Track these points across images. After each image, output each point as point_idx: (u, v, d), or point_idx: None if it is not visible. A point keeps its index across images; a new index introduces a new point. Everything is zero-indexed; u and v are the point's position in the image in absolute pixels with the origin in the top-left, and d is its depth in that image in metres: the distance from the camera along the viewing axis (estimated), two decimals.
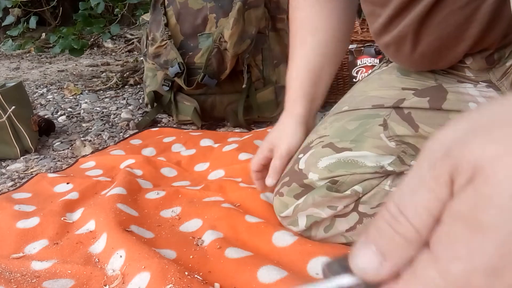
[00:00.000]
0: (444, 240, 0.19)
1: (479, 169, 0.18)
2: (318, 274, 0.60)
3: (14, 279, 0.62)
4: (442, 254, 0.19)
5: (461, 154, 0.19)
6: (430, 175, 0.20)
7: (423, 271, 0.19)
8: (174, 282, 0.57)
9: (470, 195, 0.19)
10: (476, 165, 0.19)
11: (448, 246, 0.19)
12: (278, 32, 1.38)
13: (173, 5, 1.30)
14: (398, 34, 0.63)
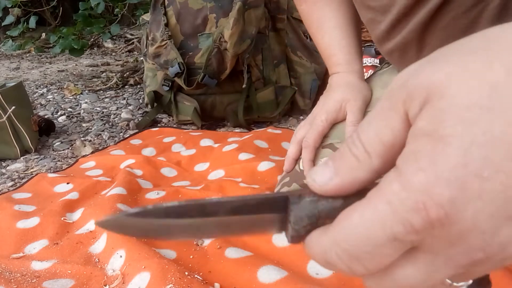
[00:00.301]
0: (407, 157, 0.19)
1: (433, 89, 0.19)
2: (318, 274, 0.60)
3: (14, 279, 0.62)
4: (405, 168, 0.19)
5: (414, 82, 0.20)
6: (384, 105, 0.21)
7: (387, 186, 0.19)
8: (174, 282, 0.57)
9: (428, 112, 0.19)
10: (429, 87, 0.19)
11: (412, 160, 0.19)
12: (278, 32, 1.38)
13: (173, 5, 1.30)
14: (402, 40, 0.63)
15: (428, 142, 0.18)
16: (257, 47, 1.32)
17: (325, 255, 0.21)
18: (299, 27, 1.41)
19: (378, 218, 0.19)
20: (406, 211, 0.18)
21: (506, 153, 0.17)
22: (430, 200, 0.18)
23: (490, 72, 0.18)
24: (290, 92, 1.34)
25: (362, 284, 0.60)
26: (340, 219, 0.20)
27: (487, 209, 0.18)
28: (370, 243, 0.19)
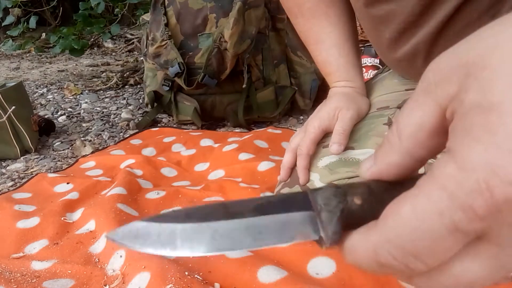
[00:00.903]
0: (458, 134, 0.17)
1: (472, 64, 0.18)
2: (318, 274, 0.60)
3: (14, 279, 0.62)
4: (459, 146, 0.17)
5: (448, 63, 0.19)
6: (418, 91, 0.20)
7: (439, 169, 0.17)
8: (174, 282, 0.57)
9: (473, 84, 0.17)
10: (468, 62, 0.18)
11: (465, 136, 0.17)
12: (278, 32, 1.38)
13: (173, 5, 1.30)
14: (411, 49, 0.61)
15: (481, 113, 0.16)
16: (257, 47, 1.32)
17: (376, 256, 0.18)
18: None
19: (433, 207, 0.17)
20: (466, 194, 0.16)
21: None
22: (494, 177, 0.15)
23: None
24: (290, 92, 1.34)
25: (363, 284, 0.60)
26: (388, 213, 0.18)
27: None
28: (427, 236, 0.17)
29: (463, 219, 0.16)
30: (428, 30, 0.58)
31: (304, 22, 0.76)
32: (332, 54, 0.74)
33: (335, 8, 0.73)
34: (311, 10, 0.74)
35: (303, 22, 0.76)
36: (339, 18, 0.74)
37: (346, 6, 0.73)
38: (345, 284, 0.58)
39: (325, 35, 0.74)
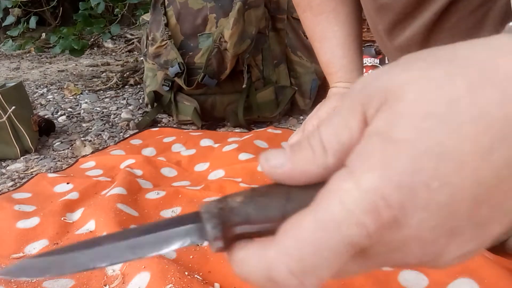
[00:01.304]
0: (360, 155, 0.19)
1: (392, 92, 0.19)
2: None
3: (14, 279, 0.62)
4: (357, 167, 0.18)
5: (374, 84, 0.20)
6: (345, 105, 0.20)
7: (338, 184, 0.18)
8: (174, 282, 0.57)
9: (384, 113, 0.19)
10: (388, 89, 0.19)
11: (364, 159, 0.18)
12: (278, 32, 1.38)
13: (173, 5, 1.30)
14: (405, 41, 0.62)
15: (381, 142, 0.18)
16: (257, 47, 1.32)
17: (269, 271, 0.19)
18: (299, 27, 1.41)
19: (333, 219, 0.18)
20: (361, 211, 0.17)
21: (456, 167, 0.17)
22: (382, 201, 0.17)
23: (452, 85, 0.18)
24: (290, 92, 1.34)
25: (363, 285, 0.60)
26: (288, 228, 0.19)
27: (431, 220, 0.18)
28: (328, 248, 0.18)
29: (357, 234, 0.18)
30: (423, 21, 0.58)
31: (312, 17, 0.76)
32: (336, 54, 0.74)
33: (345, 6, 0.73)
34: (321, 6, 0.74)
35: (311, 17, 0.76)
36: (347, 17, 0.74)
37: (356, 5, 0.73)
38: (345, 284, 0.58)
39: (332, 33, 0.74)
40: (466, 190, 0.18)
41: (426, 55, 0.20)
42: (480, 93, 0.18)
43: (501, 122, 0.17)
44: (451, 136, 0.17)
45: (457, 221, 0.18)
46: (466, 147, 0.17)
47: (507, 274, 0.56)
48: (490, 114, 0.17)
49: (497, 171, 0.18)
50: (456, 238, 0.19)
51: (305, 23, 0.78)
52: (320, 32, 0.75)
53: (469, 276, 0.57)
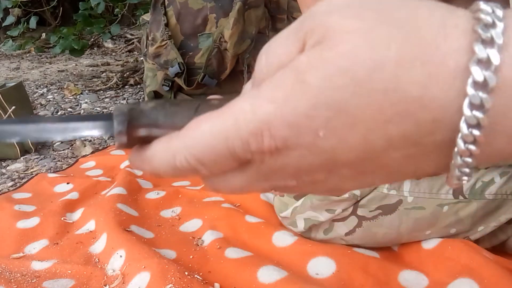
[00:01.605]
0: (271, 82, 0.20)
1: (330, 35, 0.19)
2: (318, 274, 0.60)
3: (14, 279, 0.62)
4: (263, 92, 0.20)
5: (320, 19, 0.20)
6: (293, 27, 0.21)
7: (241, 102, 0.20)
8: (174, 282, 0.57)
9: (313, 53, 0.19)
10: (329, 31, 0.19)
11: (272, 88, 0.19)
12: (278, 32, 1.38)
13: (173, 5, 1.30)
14: None
15: (293, 79, 0.19)
16: (257, 47, 1.31)
17: (174, 159, 0.22)
18: None
19: (224, 131, 0.20)
20: (246, 132, 0.20)
21: (347, 122, 0.19)
22: (267, 131, 0.19)
23: (384, 54, 0.18)
24: None
25: (362, 284, 0.60)
26: (191, 126, 0.21)
27: (311, 158, 0.20)
28: (214, 152, 0.21)
29: (240, 148, 0.20)
30: None
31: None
32: None
33: None
34: None
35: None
36: None
37: None
38: (345, 284, 0.58)
39: None
40: (353, 146, 0.19)
41: (379, 6, 0.20)
42: (404, 70, 0.18)
43: (414, 103, 0.18)
44: (358, 99, 0.18)
45: (336, 165, 0.20)
46: (367, 112, 0.18)
47: (507, 274, 0.56)
48: (406, 92, 0.18)
49: (389, 141, 0.19)
50: (334, 175, 0.21)
51: None
52: None
53: (469, 276, 0.56)
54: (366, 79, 0.18)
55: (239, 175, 0.22)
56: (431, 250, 0.63)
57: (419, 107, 0.18)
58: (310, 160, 0.20)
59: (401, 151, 0.19)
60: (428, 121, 0.18)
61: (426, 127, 0.18)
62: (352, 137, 0.19)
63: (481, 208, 0.61)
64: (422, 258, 0.62)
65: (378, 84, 0.18)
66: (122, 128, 0.22)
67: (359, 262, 0.61)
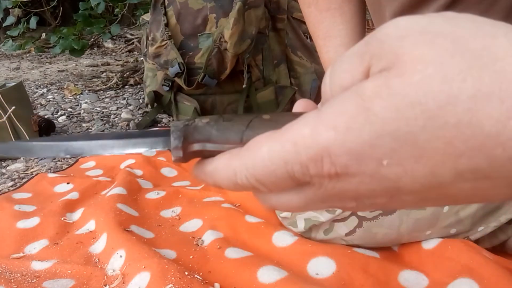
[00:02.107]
0: (334, 106, 0.19)
1: (400, 63, 0.18)
2: (318, 274, 0.60)
3: (14, 279, 0.62)
4: (324, 117, 0.19)
5: (389, 44, 0.19)
6: (358, 49, 0.20)
7: (300, 126, 0.20)
8: (174, 282, 0.57)
9: (380, 80, 0.18)
10: (398, 58, 0.18)
11: (334, 112, 0.19)
12: (278, 32, 1.38)
13: (173, 5, 1.30)
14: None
15: (358, 106, 0.19)
16: (257, 47, 1.32)
17: (235, 177, 0.22)
18: (299, 27, 1.41)
19: (283, 155, 0.20)
20: (306, 157, 0.20)
21: (414, 154, 0.18)
22: (327, 158, 0.19)
23: (458, 85, 0.17)
24: (290, 92, 1.34)
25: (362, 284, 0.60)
26: (251, 146, 0.22)
27: (372, 185, 0.20)
28: (274, 175, 0.21)
29: (299, 171, 0.20)
30: (429, 12, 0.58)
31: (317, 13, 0.75)
32: (339, 53, 0.74)
33: (351, 5, 0.73)
34: (327, 2, 0.73)
35: (315, 13, 0.75)
36: (353, 16, 0.73)
37: (361, 4, 0.73)
38: (345, 284, 0.58)
39: (336, 32, 0.73)
40: (418, 177, 0.19)
41: (453, 34, 0.18)
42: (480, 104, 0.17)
43: (490, 140, 0.17)
44: (427, 132, 0.18)
45: (399, 192, 0.20)
46: (436, 145, 0.18)
47: (507, 274, 0.56)
48: (481, 127, 0.17)
49: (458, 174, 0.18)
50: (396, 200, 0.21)
51: (309, 19, 0.77)
52: (325, 29, 0.75)
53: (469, 276, 0.56)
54: (437, 112, 0.17)
55: (297, 195, 0.22)
56: (431, 250, 0.63)
57: (495, 144, 0.17)
58: (372, 186, 0.20)
59: (470, 183, 0.19)
60: (503, 158, 0.17)
61: (500, 164, 0.18)
62: (418, 168, 0.18)
63: (481, 209, 0.61)
64: (422, 258, 0.62)
65: (450, 118, 0.17)
66: (178, 143, 0.23)
67: (359, 262, 0.61)
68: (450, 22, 0.19)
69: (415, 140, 0.18)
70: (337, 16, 0.73)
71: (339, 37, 0.73)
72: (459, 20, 0.19)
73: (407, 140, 0.18)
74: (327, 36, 0.74)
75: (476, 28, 0.18)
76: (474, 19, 0.19)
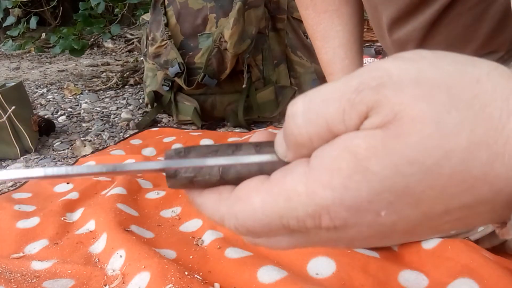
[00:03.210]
0: (326, 162, 0.19)
1: (398, 122, 0.18)
2: (318, 274, 0.60)
3: (14, 279, 0.62)
4: (317, 175, 0.19)
5: (386, 96, 0.18)
6: (350, 96, 0.19)
7: (293, 181, 0.20)
8: (174, 282, 0.57)
9: (376, 135, 0.18)
10: (396, 116, 0.18)
11: (327, 171, 0.19)
12: (278, 32, 1.38)
13: (173, 5, 1.30)
14: (404, 37, 0.62)
15: (353, 165, 0.18)
16: (257, 47, 1.32)
17: (223, 222, 0.22)
18: (299, 27, 1.41)
19: (277, 210, 0.20)
20: (304, 213, 0.20)
21: (410, 203, 0.19)
22: (326, 215, 0.19)
23: (454, 140, 0.18)
24: (290, 92, 1.34)
25: (362, 284, 0.60)
26: (242, 196, 0.21)
27: (368, 232, 0.20)
28: (267, 226, 0.21)
29: (295, 225, 0.20)
30: (424, 18, 0.58)
31: (315, 15, 0.75)
32: (338, 55, 0.74)
33: (349, 6, 0.73)
34: (325, 3, 0.73)
35: (313, 15, 0.75)
36: (350, 18, 0.73)
37: (359, 6, 0.73)
38: (345, 284, 0.58)
39: (334, 33, 0.73)
40: (412, 220, 0.19)
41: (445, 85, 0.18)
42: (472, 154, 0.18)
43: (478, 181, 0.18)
44: (423, 184, 0.18)
45: (392, 233, 0.20)
46: (431, 193, 0.18)
47: (507, 274, 0.56)
48: (471, 172, 0.18)
49: (446, 212, 0.19)
50: (387, 239, 0.21)
51: (307, 21, 0.77)
52: (323, 31, 0.75)
53: (469, 276, 0.56)
54: (433, 167, 0.18)
55: (287, 239, 0.22)
56: (431, 250, 0.63)
57: (482, 183, 0.18)
58: (367, 233, 0.20)
59: (455, 216, 0.20)
60: (489, 193, 0.19)
61: (485, 199, 0.19)
62: (413, 213, 0.19)
63: None
64: (422, 258, 0.62)
65: (445, 170, 0.18)
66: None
67: (359, 262, 0.61)
68: (437, 68, 0.19)
69: (411, 192, 0.19)
70: (334, 18, 0.73)
71: (337, 38, 0.73)
72: (444, 64, 0.19)
73: (404, 192, 0.19)
74: (325, 37, 0.74)
75: (462, 73, 0.19)
76: (455, 60, 0.19)
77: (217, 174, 0.23)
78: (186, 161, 0.23)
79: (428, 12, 0.57)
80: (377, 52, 1.45)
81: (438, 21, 0.58)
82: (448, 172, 0.18)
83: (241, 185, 0.22)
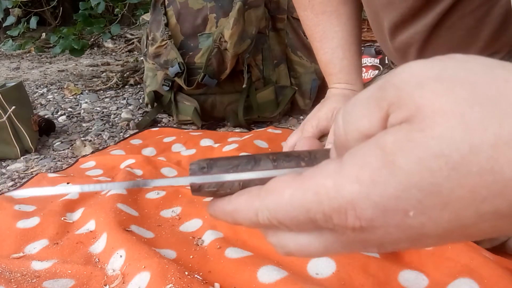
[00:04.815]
0: (354, 158, 0.20)
1: (421, 115, 0.18)
2: (318, 274, 0.60)
3: (14, 279, 0.62)
4: (346, 170, 0.19)
5: (408, 93, 0.19)
6: (375, 94, 0.20)
7: (323, 177, 0.20)
8: (174, 282, 0.57)
9: (401, 129, 0.19)
10: (419, 110, 0.18)
11: (357, 166, 0.19)
12: (278, 32, 1.38)
13: (173, 5, 1.30)
14: (406, 41, 0.62)
15: (381, 160, 0.19)
16: (257, 47, 1.32)
17: (257, 218, 0.23)
18: (299, 27, 1.41)
19: (305, 203, 0.21)
20: (329, 208, 0.20)
21: (439, 203, 0.18)
22: (352, 211, 0.19)
23: (481, 134, 0.17)
24: (290, 92, 1.34)
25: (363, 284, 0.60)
26: (274, 188, 0.22)
27: (397, 235, 0.20)
28: (296, 219, 0.21)
29: (321, 219, 0.20)
30: (426, 22, 0.58)
31: (313, 16, 0.75)
32: (336, 55, 0.74)
33: (347, 7, 0.73)
34: (323, 5, 0.73)
35: (312, 16, 0.75)
36: (348, 19, 0.73)
37: (357, 6, 0.73)
38: (345, 284, 0.58)
39: (333, 34, 0.74)
40: (442, 223, 0.19)
41: (469, 81, 0.18)
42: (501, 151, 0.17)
43: (511, 183, 0.18)
44: (452, 181, 0.18)
45: (422, 237, 0.20)
46: (460, 193, 0.18)
47: (507, 274, 0.56)
48: (502, 173, 0.17)
49: (479, 217, 0.19)
50: (418, 244, 0.21)
51: (305, 22, 0.77)
52: (321, 31, 0.75)
53: (469, 276, 0.56)
54: (461, 162, 0.18)
55: (317, 239, 0.22)
56: (431, 250, 0.63)
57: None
58: (396, 236, 0.20)
59: (489, 223, 0.19)
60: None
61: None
62: (442, 215, 0.19)
63: None
64: (422, 258, 0.62)
65: (473, 167, 0.18)
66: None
67: (359, 262, 0.61)
68: (463, 66, 0.19)
69: (439, 190, 0.18)
70: (333, 19, 0.73)
71: (336, 38, 0.73)
72: (471, 65, 0.19)
73: (432, 190, 0.18)
74: (323, 38, 0.75)
75: (489, 73, 0.18)
76: (484, 62, 0.19)
77: (238, 188, 0.25)
78: (209, 177, 0.25)
79: (430, 15, 0.57)
80: (377, 52, 1.45)
81: (440, 24, 0.58)
82: (477, 170, 0.18)
83: (273, 180, 0.22)
